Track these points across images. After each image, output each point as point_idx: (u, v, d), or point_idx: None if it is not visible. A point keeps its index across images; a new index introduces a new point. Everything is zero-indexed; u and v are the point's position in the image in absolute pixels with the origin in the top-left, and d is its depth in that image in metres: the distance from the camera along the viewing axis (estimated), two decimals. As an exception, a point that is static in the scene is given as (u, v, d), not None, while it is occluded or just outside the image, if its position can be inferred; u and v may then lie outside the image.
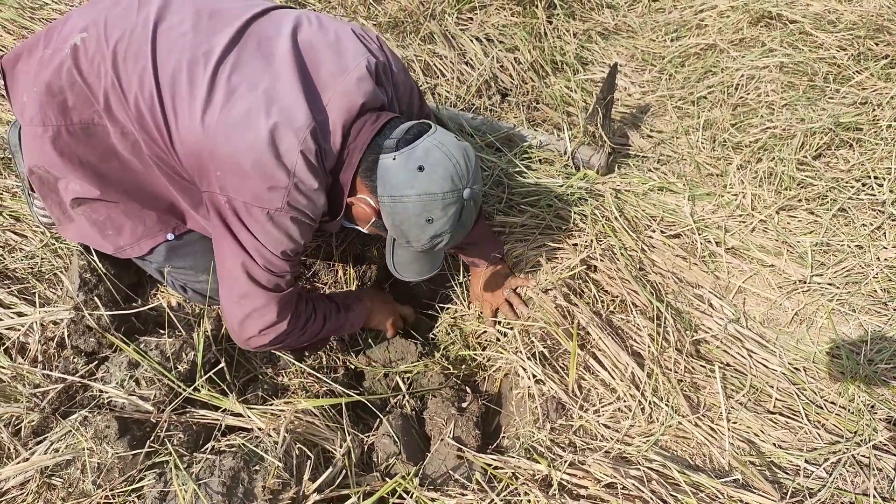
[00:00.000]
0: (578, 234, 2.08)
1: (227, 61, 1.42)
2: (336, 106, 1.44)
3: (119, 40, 1.45)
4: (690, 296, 1.97)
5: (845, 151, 2.30)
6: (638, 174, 2.34)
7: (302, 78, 1.43)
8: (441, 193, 1.38)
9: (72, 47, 1.47)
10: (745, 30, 2.88)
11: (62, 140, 1.53)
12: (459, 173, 1.39)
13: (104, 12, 1.50)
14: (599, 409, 1.69)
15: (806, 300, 1.95)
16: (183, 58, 1.42)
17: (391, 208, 1.42)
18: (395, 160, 1.39)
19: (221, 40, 1.44)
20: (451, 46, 2.81)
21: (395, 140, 1.41)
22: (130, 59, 1.44)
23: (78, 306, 1.72)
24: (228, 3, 1.54)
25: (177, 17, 1.48)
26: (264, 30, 1.49)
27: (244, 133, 1.38)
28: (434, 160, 1.38)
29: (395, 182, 1.39)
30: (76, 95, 1.50)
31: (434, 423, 1.74)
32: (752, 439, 1.65)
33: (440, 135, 1.43)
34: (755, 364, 1.79)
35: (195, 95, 1.40)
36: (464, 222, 1.46)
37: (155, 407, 1.58)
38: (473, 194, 1.43)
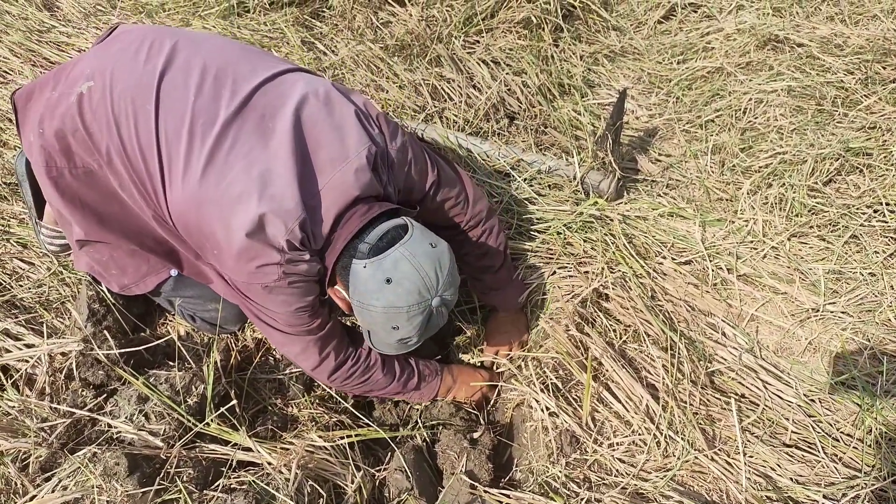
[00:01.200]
0: (589, 262, 2.07)
1: (226, 136, 1.41)
2: (330, 194, 1.43)
3: (122, 95, 1.44)
4: (703, 324, 1.96)
5: (855, 177, 2.29)
6: (647, 199, 2.33)
7: (299, 160, 1.41)
8: (406, 307, 1.40)
9: (77, 95, 1.47)
10: (752, 53, 2.88)
11: (65, 181, 1.54)
12: (428, 285, 1.40)
13: (112, 60, 1.49)
14: (614, 443, 1.67)
15: (819, 329, 1.94)
16: (183, 123, 1.41)
17: (359, 311, 1.47)
18: (366, 268, 1.40)
19: (223, 112, 1.42)
20: (458, 70, 2.81)
21: (368, 246, 1.42)
22: (132, 118, 1.43)
23: (87, 339, 1.71)
24: (237, 63, 1.51)
25: (182, 75, 1.46)
26: (269, 102, 1.46)
27: (234, 216, 1.37)
28: (401, 273, 1.38)
29: (363, 290, 1.41)
30: (79, 143, 1.50)
31: (446, 456, 1.72)
32: (769, 474, 1.63)
33: (413, 244, 1.41)
34: (770, 396, 1.77)
35: (190, 167, 1.40)
36: (433, 324, 1.49)
37: (165, 442, 1.56)
38: (444, 301, 1.45)
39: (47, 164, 1.51)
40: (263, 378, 1.90)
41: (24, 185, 1.93)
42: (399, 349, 1.58)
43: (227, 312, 1.80)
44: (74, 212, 1.58)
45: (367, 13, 3.12)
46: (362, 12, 3.12)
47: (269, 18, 3.10)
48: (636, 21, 3.36)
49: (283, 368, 1.91)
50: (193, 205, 1.40)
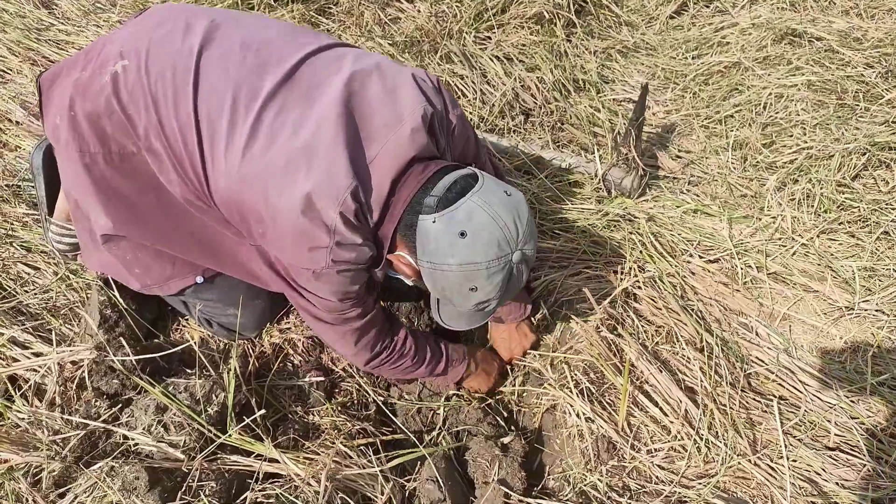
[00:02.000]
0: (617, 261, 2.00)
1: (270, 107, 1.32)
2: (385, 159, 1.32)
3: (160, 74, 1.36)
4: (736, 324, 1.90)
5: (883, 172, 2.24)
6: (670, 196, 2.28)
7: (347, 130, 1.30)
8: (486, 262, 1.25)
9: (112, 75, 1.38)
10: (770, 47, 2.83)
11: (98, 168, 1.44)
12: (507, 237, 1.25)
13: (146, 36, 1.41)
14: (652, 449, 1.61)
15: (854, 328, 1.89)
16: (225, 99, 1.32)
17: (431, 274, 1.32)
18: (435, 223, 1.26)
19: (268, 82, 1.34)
20: (471, 66, 2.75)
21: (436, 198, 1.28)
22: (171, 98, 1.35)
23: (101, 346, 1.63)
24: (278, 37, 1.44)
25: (222, 49, 1.38)
26: (315, 73, 1.37)
27: (280, 191, 1.28)
28: (477, 224, 1.24)
29: (434, 248, 1.27)
30: (115, 125, 1.41)
31: (477, 464, 1.65)
32: (814, 478, 1.57)
33: (486, 192, 1.27)
34: (811, 397, 1.71)
35: (233, 142, 1.31)
36: (513, 285, 1.34)
37: (185, 454, 1.48)
38: (525, 256, 1.30)
39: (80, 149, 1.42)
40: (283, 385, 1.83)
41: (38, 178, 1.84)
42: (473, 319, 1.49)
43: (247, 318, 1.72)
44: (107, 202, 1.49)
45: (375, 9, 3.06)
46: (370, 8, 3.06)
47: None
48: (647, 16, 3.31)
49: (303, 375, 1.84)
50: (237, 180, 1.31)
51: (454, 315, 1.51)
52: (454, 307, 1.45)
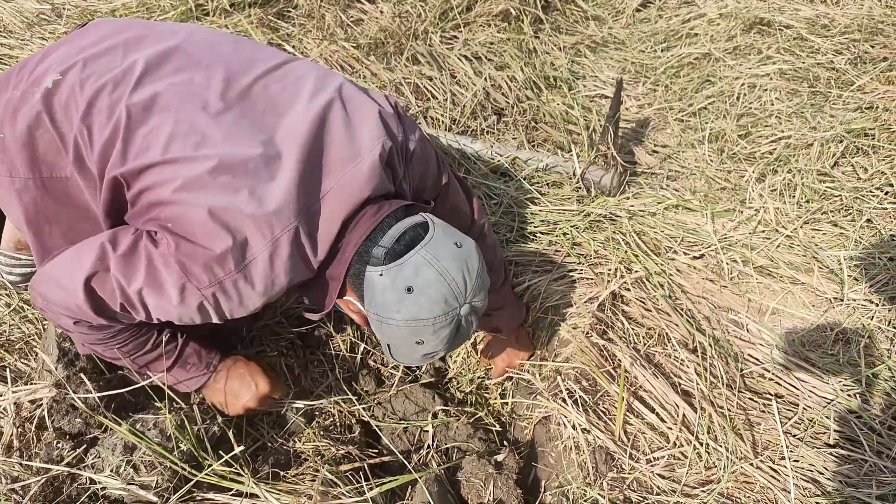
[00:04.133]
0: (601, 263, 1.95)
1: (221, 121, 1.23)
2: (338, 195, 1.25)
3: (98, 91, 1.24)
4: (726, 322, 1.85)
5: (860, 159, 2.23)
6: (650, 193, 2.23)
7: (307, 163, 1.23)
8: (432, 318, 1.21)
9: (44, 92, 1.26)
10: (739, 37, 2.81)
11: (29, 194, 1.31)
12: (455, 292, 1.21)
13: (81, 54, 1.29)
14: (652, 458, 1.55)
15: (844, 319, 1.86)
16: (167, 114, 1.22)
17: (378, 326, 1.26)
18: (382, 276, 1.21)
19: (217, 103, 1.24)
20: (439, 67, 2.67)
21: (384, 250, 1.23)
22: (105, 110, 1.23)
23: (60, 383, 1.50)
24: (230, 53, 1.34)
25: (167, 66, 1.28)
26: (273, 97, 1.29)
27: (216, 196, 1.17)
28: (424, 280, 1.19)
29: (381, 302, 1.22)
30: (46, 144, 1.28)
31: (471, 485, 1.57)
32: (817, 478, 1.53)
33: (435, 245, 1.22)
34: (808, 394, 1.67)
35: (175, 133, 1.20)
36: (462, 335, 1.30)
37: (158, 496, 1.37)
38: (473, 308, 1.26)
39: (10, 174, 1.30)
40: (259, 412, 1.73)
41: None
42: (423, 362, 1.40)
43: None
44: (39, 232, 1.36)
45: (336, 11, 2.95)
46: (330, 11, 2.95)
47: (232, 21, 2.90)
48: (614, 10, 3.28)
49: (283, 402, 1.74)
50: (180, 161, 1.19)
51: (404, 358, 1.39)
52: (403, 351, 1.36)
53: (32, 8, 2.93)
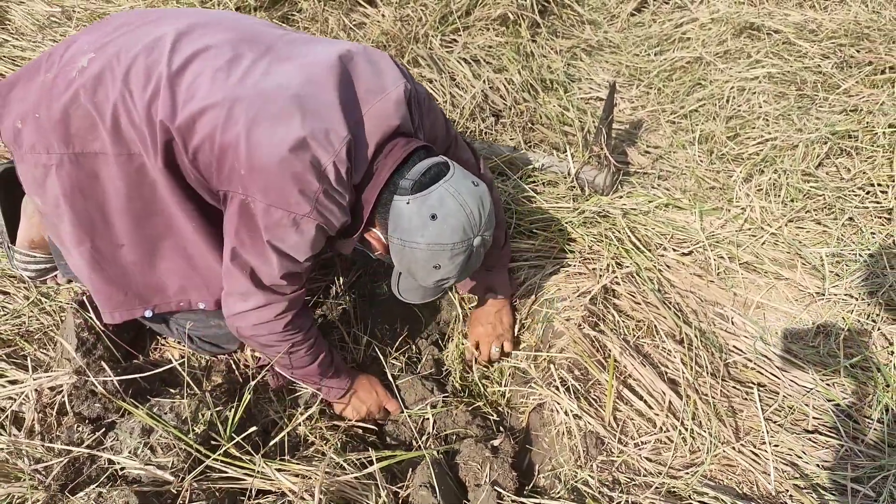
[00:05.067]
0: (594, 258, 2.03)
1: (257, 67, 1.39)
2: (372, 123, 1.40)
3: (133, 59, 1.38)
4: (712, 315, 1.94)
5: (844, 160, 2.32)
6: (642, 192, 2.32)
7: (342, 87, 1.38)
8: (451, 244, 1.38)
9: (79, 70, 1.38)
10: (730, 41, 2.90)
11: (65, 169, 1.42)
12: (472, 223, 1.39)
13: (113, 32, 1.43)
14: (640, 442, 1.64)
15: (825, 313, 1.94)
16: (205, 63, 1.37)
17: (400, 250, 1.43)
18: (409, 204, 1.38)
19: (250, 54, 1.41)
20: (438, 70, 2.76)
21: (411, 182, 1.39)
22: (143, 70, 1.37)
23: (80, 370, 1.59)
24: (251, 23, 1.50)
25: (197, 33, 1.43)
26: (297, 47, 1.45)
27: (272, 127, 1.31)
28: (447, 210, 1.36)
29: (406, 227, 1.38)
30: (80, 119, 1.40)
31: (469, 467, 1.66)
32: (795, 461, 1.62)
33: (457, 180, 1.40)
34: (789, 383, 1.76)
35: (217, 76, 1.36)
36: (471, 266, 1.47)
37: (174, 475, 1.46)
38: (484, 241, 1.44)
39: (47, 150, 1.41)
40: (266, 398, 1.81)
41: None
42: (428, 293, 1.59)
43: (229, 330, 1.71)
44: (71, 207, 1.47)
45: (339, 15, 3.04)
46: (334, 14, 3.04)
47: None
48: (609, 14, 3.36)
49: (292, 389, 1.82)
50: (219, 104, 1.33)
51: (411, 289, 1.59)
52: (414, 281, 1.54)
53: (43, 11, 3.02)
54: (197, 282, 1.62)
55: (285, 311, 1.51)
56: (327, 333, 2.04)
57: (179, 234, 1.57)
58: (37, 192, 1.50)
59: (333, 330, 2.05)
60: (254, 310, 1.49)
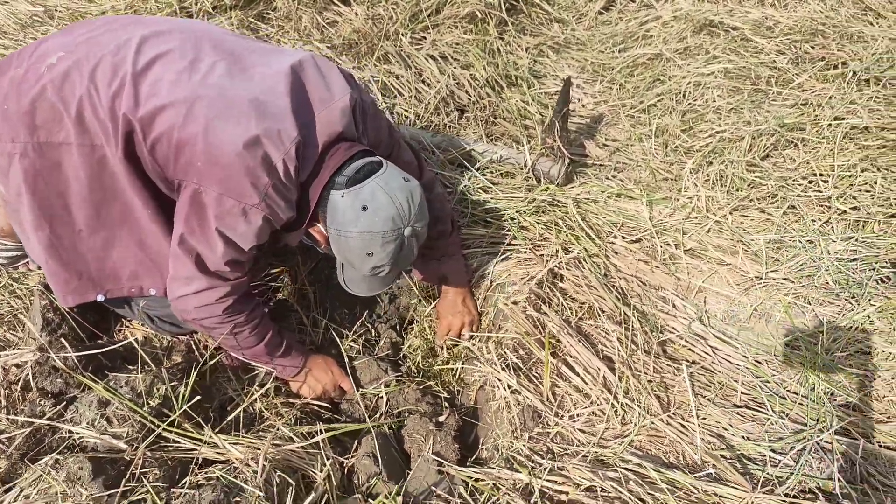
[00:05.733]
0: (544, 245, 2.12)
1: (215, 70, 1.51)
2: (320, 128, 1.54)
3: (100, 59, 1.49)
4: (655, 298, 2.03)
5: (791, 151, 2.40)
6: (597, 182, 2.40)
7: (294, 95, 1.52)
8: (381, 233, 1.51)
9: (48, 66, 1.49)
10: (689, 38, 2.99)
11: (28, 158, 1.52)
12: (401, 214, 1.52)
13: (82, 37, 1.55)
14: (575, 415, 1.72)
15: (763, 296, 2.03)
16: (172, 58, 1.50)
17: (336, 240, 1.57)
18: (344, 197, 1.51)
19: (208, 58, 1.53)
20: (406, 66, 2.85)
21: (346, 178, 1.53)
22: (109, 69, 1.49)
23: (43, 347, 1.68)
24: (212, 31, 1.64)
25: (161, 39, 1.55)
26: (256, 55, 1.59)
27: (226, 126, 1.44)
28: (378, 202, 1.50)
29: (341, 218, 1.52)
30: (46, 112, 1.50)
31: (413, 440, 1.75)
32: (722, 433, 1.70)
33: (388, 176, 1.53)
34: (720, 360, 1.85)
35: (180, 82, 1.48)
36: (405, 255, 1.60)
37: (129, 444, 1.55)
38: (415, 231, 1.56)
39: (12, 139, 1.51)
40: (225, 377, 1.90)
41: None
42: (372, 284, 1.70)
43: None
44: (32, 195, 1.56)
45: (313, 13, 3.13)
46: (307, 13, 3.13)
47: (214, 21, 3.08)
48: (578, 13, 3.45)
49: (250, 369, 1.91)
50: (181, 101, 1.45)
51: (356, 280, 1.71)
52: (355, 272, 1.66)
53: (26, 10, 3.11)
54: (150, 268, 1.71)
55: (226, 295, 1.61)
56: (286, 317, 2.13)
57: (136, 222, 1.66)
58: (1, 181, 1.60)
59: (292, 314, 2.14)
60: (195, 293, 1.59)
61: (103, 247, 1.68)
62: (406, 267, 1.67)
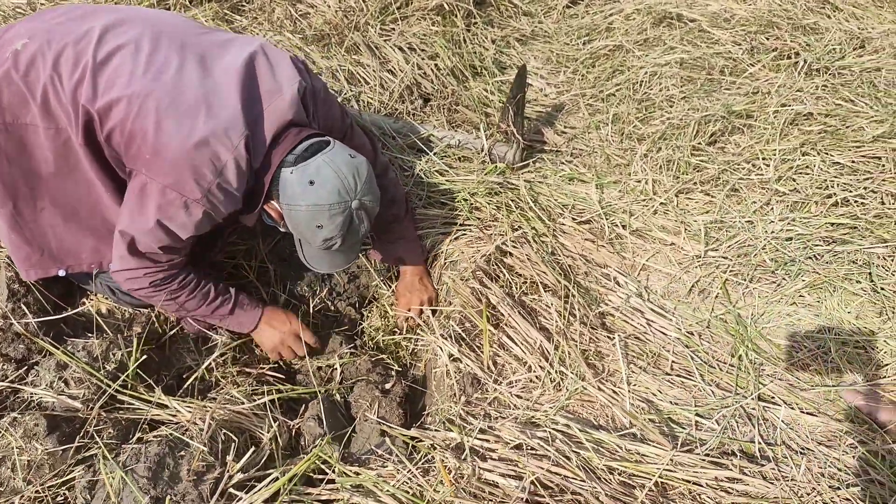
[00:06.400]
0: (494, 224, 2.21)
1: (170, 64, 1.59)
2: (269, 118, 1.63)
3: (63, 47, 1.58)
4: (598, 275, 2.12)
5: (738, 137, 2.50)
6: (551, 167, 2.50)
7: (244, 89, 1.60)
8: (328, 205, 1.59)
9: (13, 52, 1.58)
10: (649, 30, 3.08)
11: None
12: (347, 188, 1.60)
13: (47, 24, 1.63)
14: (513, 382, 1.81)
15: (702, 273, 2.12)
16: (126, 51, 1.59)
17: (288, 214, 1.66)
18: (293, 174, 1.61)
19: (164, 49, 1.62)
20: (373, 56, 2.94)
21: (295, 156, 1.62)
22: (71, 58, 1.57)
23: (6, 315, 1.77)
24: (172, 21, 1.73)
25: (122, 28, 1.64)
26: (209, 46, 1.68)
27: (178, 122, 1.52)
28: (324, 177, 1.59)
29: (290, 193, 1.61)
30: (12, 95, 1.59)
31: (359, 405, 1.84)
32: (651, 399, 1.79)
33: (334, 153, 1.62)
34: (654, 332, 1.94)
35: (135, 77, 1.56)
36: (355, 228, 1.67)
37: (84, 404, 1.64)
38: (363, 205, 1.64)
39: None
40: (185, 348, 1.99)
41: None
42: (329, 259, 1.78)
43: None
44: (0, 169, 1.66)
45: (286, 6, 3.22)
46: (281, 5, 3.22)
47: (190, 13, 3.17)
48: (546, 7, 3.54)
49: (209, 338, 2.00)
50: (134, 97, 1.54)
51: (315, 257, 1.78)
52: (311, 247, 1.75)
53: (10, 2, 3.20)
54: (109, 244, 1.80)
55: (156, 272, 1.71)
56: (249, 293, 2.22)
57: (97, 200, 1.76)
58: None
59: (253, 290, 2.22)
60: (126, 270, 1.70)
61: (65, 223, 1.78)
62: (357, 240, 1.74)
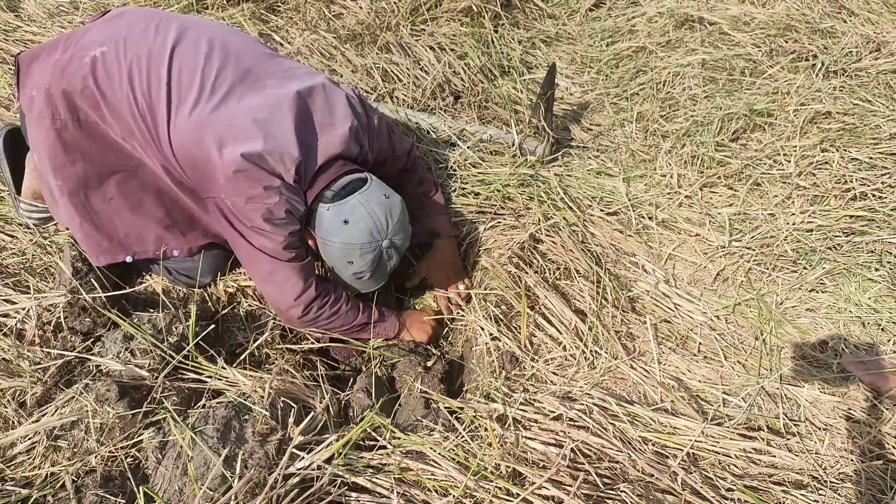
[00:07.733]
0: (526, 214, 2.32)
1: (233, 93, 1.71)
2: (321, 149, 1.76)
3: (137, 58, 1.69)
4: (627, 263, 2.22)
5: (759, 134, 2.60)
6: (579, 162, 2.60)
7: (298, 118, 1.72)
8: (359, 245, 1.73)
9: (91, 58, 1.69)
10: (671, 33, 3.19)
11: (68, 132, 1.74)
12: (379, 228, 1.73)
13: (123, 31, 1.74)
14: (549, 360, 1.91)
15: (726, 262, 2.22)
16: (194, 80, 1.69)
17: (322, 246, 1.80)
18: (329, 210, 1.73)
19: (231, 76, 1.73)
20: (406, 54, 3.05)
21: (333, 192, 1.74)
22: (144, 74, 1.69)
23: (75, 288, 1.88)
24: (240, 44, 1.83)
25: (192, 46, 1.74)
26: (273, 75, 1.79)
27: (234, 142, 1.63)
28: (357, 216, 1.71)
29: (326, 228, 1.74)
30: (86, 99, 1.72)
31: (403, 380, 1.94)
32: (680, 377, 1.89)
33: (370, 193, 1.74)
34: (681, 316, 2.04)
35: (198, 106, 1.67)
36: (383, 264, 1.82)
37: (150, 373, 1.75)
38: (393, 244, 1.79)
39: (53, 116, 1.72)
40: (237, 326, 2.10)
41: (2, 162, 2.10)
42: (355, 284, 1.88)
43: (205, 264, 1.99)
44: (73, 163, 1.78)
45: (320, 6, 3.34)
46: (315, 6, 3.35)
47: (228, 13, 3.30)
48: (570, 9, 3.66)
49: (259, 317, 2.11)
50: (197, 128, 1.65)
51: (344, 282, 1.91)
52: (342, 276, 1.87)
53: (53, 0, 3.34)
54: (174, 232, 1.92)
55: (306, 276, 1.84)
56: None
57: (162, 191, 1.88)
58: (37, 152, 1.81)
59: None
60: (284, 283, 1.82)
61: (132, 213, 1.90)
62: (386, 272, 1.88)
